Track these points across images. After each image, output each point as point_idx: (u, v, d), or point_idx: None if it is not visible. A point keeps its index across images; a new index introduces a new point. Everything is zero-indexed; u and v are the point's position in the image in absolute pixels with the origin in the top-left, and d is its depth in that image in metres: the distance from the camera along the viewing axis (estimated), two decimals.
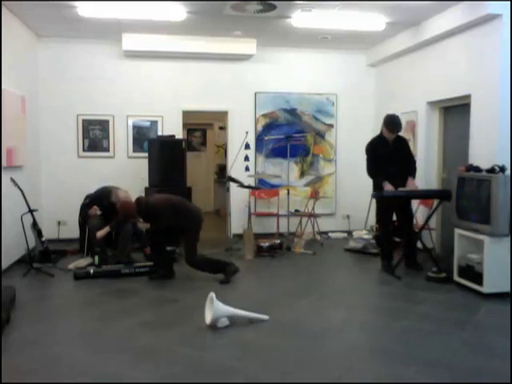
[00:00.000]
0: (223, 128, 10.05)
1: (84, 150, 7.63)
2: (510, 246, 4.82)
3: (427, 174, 6.80)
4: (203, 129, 11.41)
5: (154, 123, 7.80)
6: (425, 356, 3.48)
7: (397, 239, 6.13)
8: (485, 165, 5.09)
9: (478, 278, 4.90)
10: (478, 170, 5.13)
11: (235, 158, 7.66)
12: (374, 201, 6.35)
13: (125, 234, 6.05)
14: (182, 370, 3.27)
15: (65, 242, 7.17)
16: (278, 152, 8.09)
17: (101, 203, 6.06)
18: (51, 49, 7.42)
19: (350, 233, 7.64)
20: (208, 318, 3.98)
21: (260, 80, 8.02)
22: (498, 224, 4.75)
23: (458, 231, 5.24)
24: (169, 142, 7.34)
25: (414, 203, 6.23)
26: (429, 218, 5.85)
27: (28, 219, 5.81)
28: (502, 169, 4.89)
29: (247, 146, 8.02)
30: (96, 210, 5.95)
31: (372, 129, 7.84)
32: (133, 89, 7.68)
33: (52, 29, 6.96)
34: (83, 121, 7.59)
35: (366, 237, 6.97)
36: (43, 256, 5.91)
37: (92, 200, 6.23)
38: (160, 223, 5.28)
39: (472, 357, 3.49)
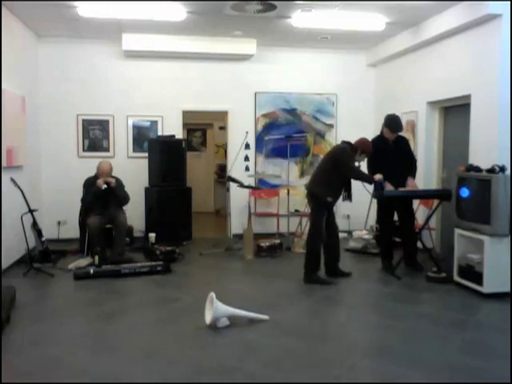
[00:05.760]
0: (223, 128, 10.05)
1: (84, 150, 7.63)
2: (510, 246, 4.82)
3: (427, 173, 6.80)
4: (203, 129, 11.41)
5: (154, 123, 7.80)
6: (425, 356, 3.48)
7: (397, 239, 6.13)
8: (485, 165, 5.09)
9: (478, 277, 4.90)
10: (478, 169, 5.13)
11: (235, 158, 7.66)
12: (374, 201, 6.35)
13: (119, 231, 6.04)
14: (182, 369, 3.27)
15: (65, 242, 7.17)
16: (278, 152, 8.08)
17: (92, 188, 6.08)
18: (51, 49, 7.42)
19: (350, 233, 7.64)
20: (208, 318, 3.98)
21: (260, 80, 8.02)
22: (498, 224, 4.75)
23: (458, 231, 5.24)
24: (169, 142, 7.34)
25: (414, 203, 6.24)
26: (429, 217, 5.85)
27: (28, 219, 5.81)
28: (502, 169, 4.88)
29: (247, 146, 8.03)
30: (102, 182, 5.96)
31: (372, 129, 7.84)
32: (133, 89, 7.69)
33: (52, 29, 6.96)
34: (83, 121, 7.59)
35: (366, 237, 6.97)
36: (43, 256, 5.91)
37: (85, 189, 6.22)
38: None
39: (472, 357, 3.49)
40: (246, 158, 8.07)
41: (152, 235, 6.70)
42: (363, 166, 5.86)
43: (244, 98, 8.02)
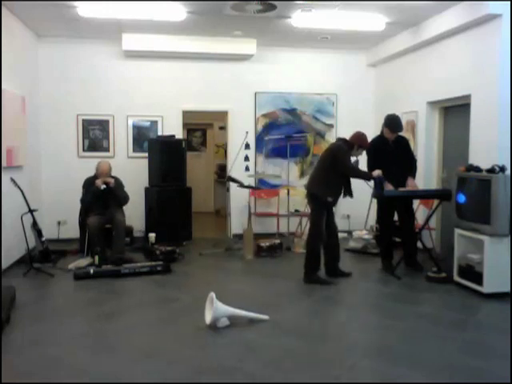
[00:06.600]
0: (223, 128, 10.05)
1: (84, 150, 7.62)
2: (510, 246, 4.82)
3: (427, 173, 6.80)
4: (203, 129, 11.41)
5: (154, 123, 7.80)
6: (425, 356, 3.48)
7: (397, 239, 6.13)
8: (485, 165, 5.09)
9: (478, 277, 4.90)
10: (478, 169, 5.13)
11: (235, 158, 7.66)
12: (374, 200, 6.35)
13: (118, 230, 6.04)
14: (182, 369, 3.27)
15: (65, 242, 7.17)
16: (278, 152, 8.08)
17: (91, 188, 6.08)
18: (51, 49, 7.42)
19: (350, 233, 7.64)
20: (208, 318, 3.98)
21: (260, 80, 8.02)
22: (498, 224, 4.75)
23: (458, 231, 5.24)
24: (169, 142, 7.34)
25: (414, 203, 6.24)
26: (429, 217, 5.85)
27: (28, 219, 5.81)
28: (502, 169, 4.88)
29: (247, 146, 8.03)
30: (101, 182, 5.97)
31: (372, 129, 7.82)
32: (133, 89, 7.69)
33: (52, 29, 6.96)
34: (83, 121, 7.59)
35: (366, 237, 6.97)
36: (43, 256, 5.91)
37: (85, 189, 6.23)
38: None
39: (472, 357, 3.49)
40: (246, 158, 8.07)
41: (152, 235, 6.70)
42: (363, 165, 5.86)
43: (244, 97, 8.02)
